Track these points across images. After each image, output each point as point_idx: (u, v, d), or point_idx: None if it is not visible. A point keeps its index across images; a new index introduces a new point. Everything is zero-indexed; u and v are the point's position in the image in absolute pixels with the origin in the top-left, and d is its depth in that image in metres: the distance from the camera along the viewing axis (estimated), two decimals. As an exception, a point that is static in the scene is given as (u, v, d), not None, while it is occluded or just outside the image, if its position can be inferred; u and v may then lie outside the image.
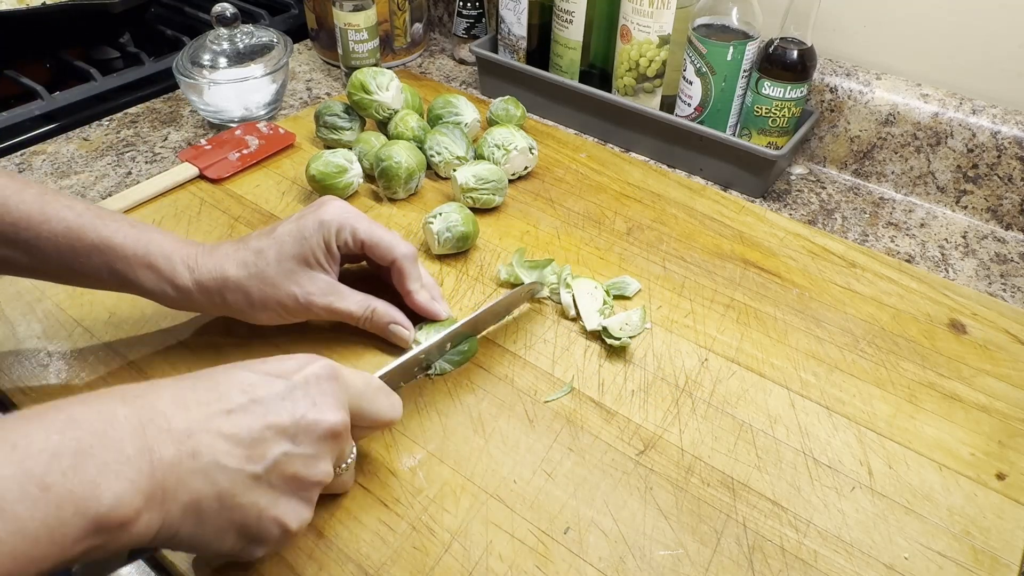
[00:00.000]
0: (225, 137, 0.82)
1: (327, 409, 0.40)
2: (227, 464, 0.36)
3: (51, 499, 0.29)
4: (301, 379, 0.40)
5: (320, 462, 0.40)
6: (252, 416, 0.37)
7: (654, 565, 0.46)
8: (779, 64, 0.76)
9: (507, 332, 0.61)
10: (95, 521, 0.30)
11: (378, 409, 0.44)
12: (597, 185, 0.79)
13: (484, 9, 1.02)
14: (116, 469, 0.32)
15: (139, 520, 0.32)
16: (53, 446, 0.31)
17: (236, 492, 0.36)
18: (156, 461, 0.33)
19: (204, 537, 0.36)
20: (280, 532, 0.39)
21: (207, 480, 0.35)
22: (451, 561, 0.45)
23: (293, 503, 0.39)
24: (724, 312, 0.64)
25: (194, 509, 0.35)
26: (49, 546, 0.29)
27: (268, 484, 0.37)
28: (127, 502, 0.31)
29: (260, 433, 0.37)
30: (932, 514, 0.49)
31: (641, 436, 0.53)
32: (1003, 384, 0.59)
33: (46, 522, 0.29)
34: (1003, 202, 0.78)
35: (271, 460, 0.37)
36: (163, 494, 0.33)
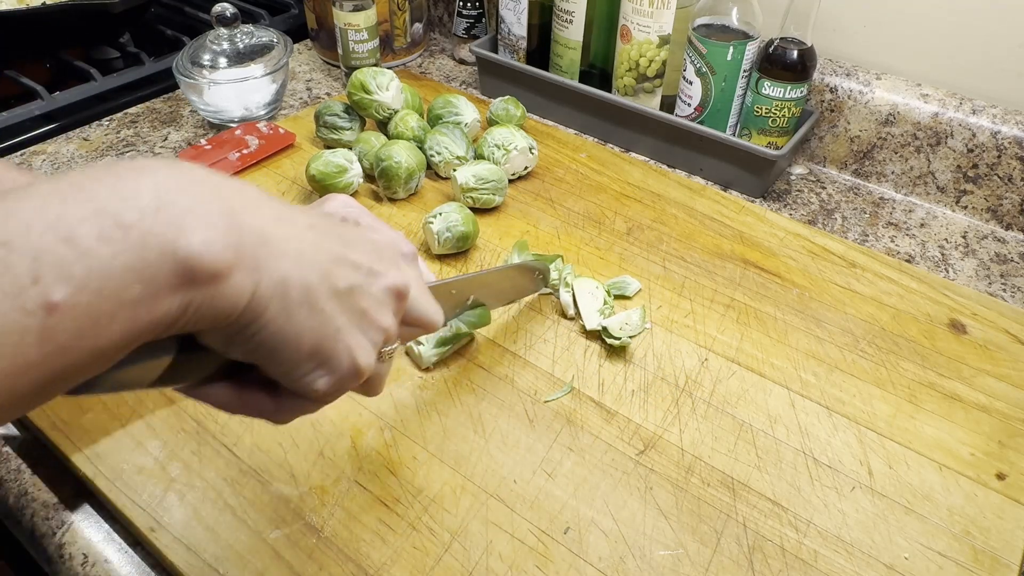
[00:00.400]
0: (225, 137, 0.82)
1: (395, 267, 0.39)
2: (315, 263, 0.34)
3: (132, 237, 0.26)
4: (372, 239, 0.39)
5: (386, 311, 0.38)
6: (334, 239, 0.36)
7: (654, 565, 0.46)
8: (779, 64, 0.76)
9: (507, 332, 0.61)
10: (184, 264, 0.27)
11: (426, 305, 0.43)
12: (597, 185, 0.79)
13: (484, 9, 1.02)
14: (203, 217, 0.28)
15: (232, 277, 0.29)
16: (128, 189, 0.27)
17: (320, 294, 0.34)
18: (243, 226, 0.30)
19: (286, 330, 0.33)
20: (349, 363, 0.36)
21: (297, 268, 0.33)
22: (451, 561, 0.45)
23: (363, 339, 0.37)
24: (724, 312, 0.64)
25: (283, 292, 0.32)
26: (140, 288, 0.26)
27: (347, 305, 0.36)
28: (217, 251, 0.28)
29: (340, 256, 0.36)
30: (932, 514, 0.49)
31: (641, 436, 0.53)
32: (1003, 384, 0.59)
33: (131, 264, 0.26)
34: (1003, 202, 0.78)
35: (349, 284, 0.36)
36: (254, 259, 0.30)
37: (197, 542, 0.46)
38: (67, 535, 0.49)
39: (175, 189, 0.28)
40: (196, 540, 0.46)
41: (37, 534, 0.50)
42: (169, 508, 0.48)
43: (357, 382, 0.38)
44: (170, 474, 0.50)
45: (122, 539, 0.48)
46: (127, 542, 0.48)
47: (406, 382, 0.57)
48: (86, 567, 0.47)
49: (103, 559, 0.47)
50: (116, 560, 0.47)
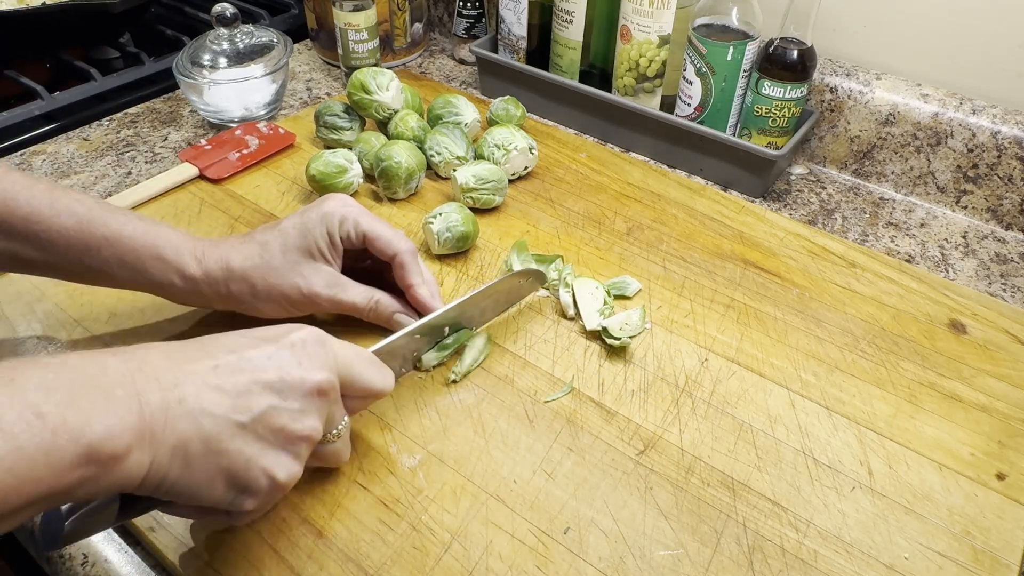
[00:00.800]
0: (225, 137, 0.82)
1: (314, 368, 0.40)
2: (213, 411, 0.37)
3: (47, 425, 0.31)
4: (288, 342, 0.41)
5: (307, 417, 0.40)
6: (239, 372, 0.38)
7: (654, 565, 0.46)
8: (779, 64, 0.76)
9: (507, 332, 0.61)
10: (88, 449, 0.32)
11: (368, 378, 0.45)
12: (597, 185, 0.79)
13: (484, 9, 1.02)
14: (106, 407, 0.33)
15: (129, 456, 0.33)
16: (48, 382, 0.32)
17: (223, 438, 0.37)
18: (144, 404, 0.34)
19: (193, 482, 0.37)
20: (269, 483, 0.39)
21: (193, 424, 0.36)
22: (451, 561, 0.45)
23: (281, 456, 0.39)
24: (724, 312, 0.64)
25: (182, 452, 0.36)
26: (46, 468, 0.31)
27: (255, 434, 0.38)
28: (117, 435, 0.33)
29: (246, 386, 0.38)
30: (932, 514, 0.49)
31: (641, 436, 0.53)
32: (1003, 384, 0.59)
33: (42, 445, 0.31)
34: (1003, 202, 0.78)
35: (257, 411, 0.38)
36: (151, 435, 0.34)
37: (197, 542, 0.46)
38: (67, 535, 0.49)
39: (89, 381, 0.34)
40: (196, 540, 0.46)
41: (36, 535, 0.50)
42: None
43: (287, 489, 0.41)
44: (170, 474, 0.50)
45: (122, 539, 0.48)
46: (127, 542, 0.48)
47: (406, 382, 0.57)
48: (86, 567, 0.47)
49: (103, 559, 0.47)
50: (116, 560, 0.47)
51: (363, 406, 0.47)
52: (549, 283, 0.64)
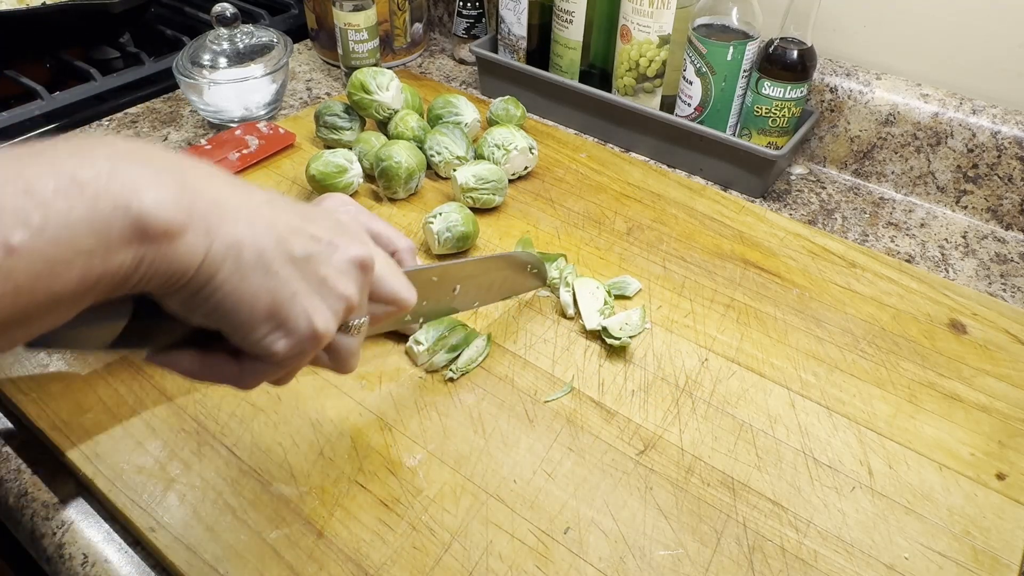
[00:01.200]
0: (225, 137, 0.82)
1: (358, 242, 0.40)
2: (270, 228, 0.35)
3: (87, 192, 0.28)
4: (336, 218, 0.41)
5: (347, 279, 0.39)
6: (292, 214, 0.37)
7: (654, 565, 0.46)
8: (779, 64, 0.76)
9: (507, 332, 0.61)
10: (137, 220, 0.29)
11: (395, 283, 0.44)
12: (597, 185, 0.79)
13: (484, 9, 1.02)
14: (156, 180, 0.30)
15: (185, 237, 0.31)
16: (85, 151, 0.30)
17: (275, 257, 0.35)
18: (198, 192, 0.32)
19: (240, 292, 0.34)
20: (307, 327, 0.37)
21: (250, 231, 0.34)
22: (451, 561, 0.45)
23: (322, 304, 0.38)
24: (724, 312, 0.64)
25: (236, 253, 0.33)
26: (92, 237, 0.28)
27: (299, 272, 0.37)
28: (169, 210, 0.30)
29: (299, 228, 0.37)
30: (932, 514, 0.49)
31: (641, 436, 0.53)
32: (1003, 384, 0.59)
33: (86, 216, 0.28)
34: (1003, 202, 0.78)
35: (308, 251, 0.37)
36: (207, 223, 0.32)
37: (197, 542, 0.46)
38: (67, 535, 0.49)
39: (129, 157, 0.30)
40: (196, 540, 0.46)
41: (37, 534, 0.50)
42: (169, 508, 0.48)
43: (317, 346, 0.38)
44: (170, 474, 0.50)
45: (122, 539, 0.48)
46: (127, 542, 0.48)
47: (406, 382, 0.57)
48: (86, 567, 0.47)
49: (103, 559, 0.47)
50: (116, 560, 0.47)
51: (383, 316, 0.46)
52: (550, 281, 0.65)
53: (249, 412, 0.54)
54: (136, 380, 0.56)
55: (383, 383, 0.56)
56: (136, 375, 0.56)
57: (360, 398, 0.55)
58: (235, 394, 0.55)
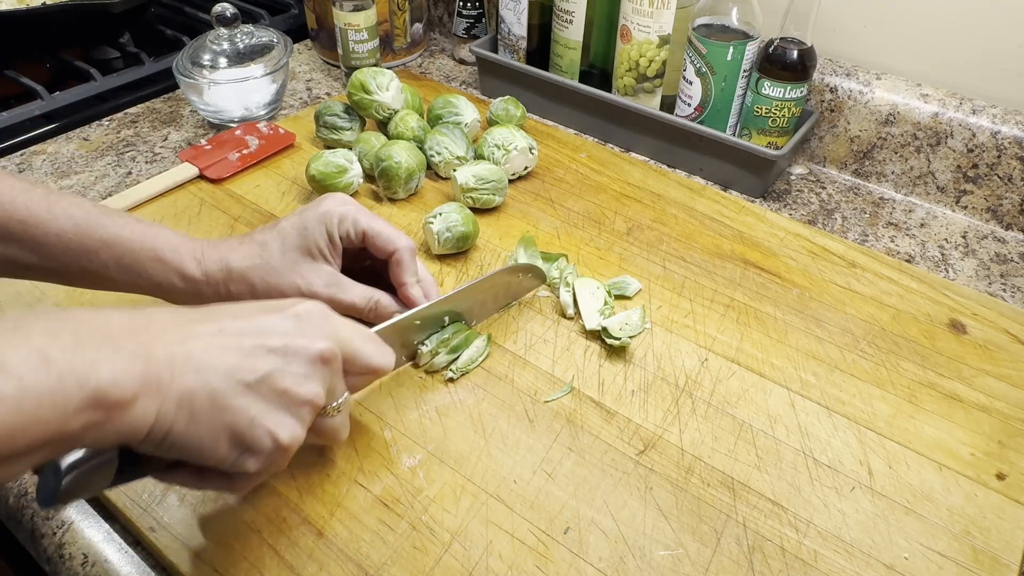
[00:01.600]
0: (225, 137, 0.82)
1: (317, 337, 0.41)
2: (220, 367, 0.37)
3: (52, 369, 0.31)
4: (293, 312, 0.42)
5: (311, 382, 0.41)
6: (244, 335, 0.39)
7: (654, 565, 0.46)
8: (779, 64, 0.76)
9: (507, 332, 0.61)
10: (94, 393, 0.32)
11: (369, 354, 0.45)
12: (597, 185, 0.79)
13: (484, 9, 1.02)
14: (113, 354, 0.34)
15: (136, 404, 0.34)
16: (54, 330, 0.33)
17: (228, 394, 0.37)
18: (151, 356, 0.35)
19: (198, 436, 0.37)
20: (272, 443, 0.39)
21: (200, 379, 0.37)
22: (451, 561, 0.45)
23: (285, 417, 0.40)
24: (724, 312, 0.64)
25: (188, 405, 0.36)
26: (52, 410, 0.31)
27: (259, 394, 0.39)
28: (124, 382, 0.33)
29: (251, 349, 0.39)
30: (932, 514, 0.49)
31: (641, 436, 0.53)
32: (1003, 384, 0.59)
33: (48, 387, 0.31)
34: (1003, 202, 0.78)
35: (262, 372, 0.39)
36: (158, 386, 0.35)
37: (197, 542, 0.46)
38: (67, 535, 0.49)
39: (94, 330, 0.34)
40: (196, 540, 0.46)
41: (37, 534, 0.50)
42: (169, 508, 0.48)
43: (289, 453, 0.41)
44: (170, 474, 0.50)
45: (122, 539, 0.48)
46: (127, 542, 0.48)
47: (406, 382, 0.57)
48: (86, 567, 0.47)
49: (103, 559, 0.47)
50: (116, 560, 0.47)
51: (363, 384, 0.48)
52: (550, 281, 0.65)
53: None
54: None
55: (383, 383, 0.56)
56: (136, 375, 0.56)
57: (360, 398, 0.55)
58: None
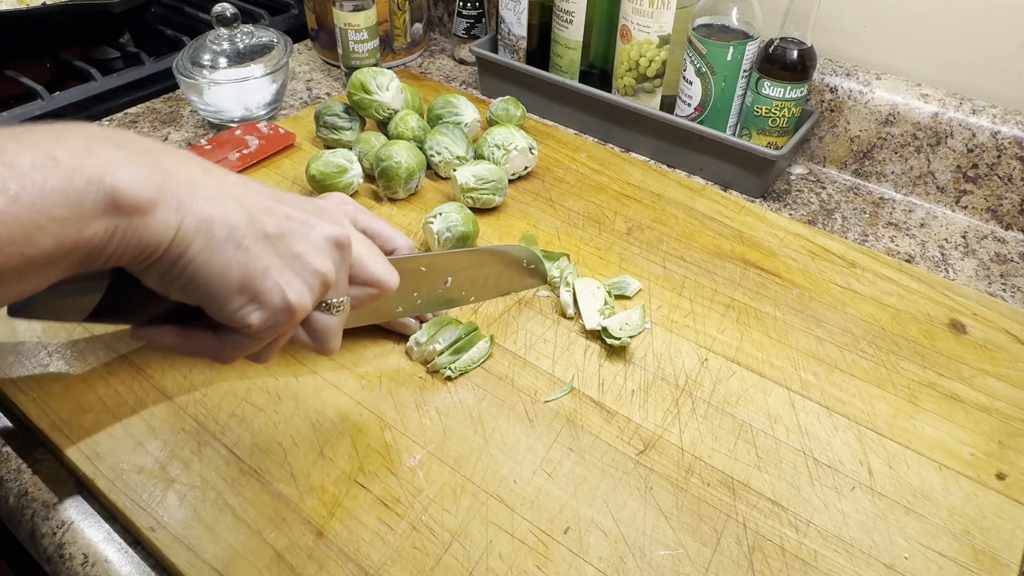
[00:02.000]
0: (225, 137, 0.82)
1: (335, 223, 0.41)
2: (241, 209, 0.36)
3: (62, 168, 0.30)
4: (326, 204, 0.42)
5: (323, 256, 0.40)
6: (267, 197, 0.39)
7: (654, 565, 0.46)
8: (779, 64, 0.76)
9: (507, 332, 0.61)
10: (110, 194, 0.31)
11: (376, 266, 0.45)
12: (597, 185, 0.79)
13: (484, 9, 1.02)
14: (129, 161, 0.32)
15: (156, 212, 0.33)
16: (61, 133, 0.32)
17: (247, 234, 0.37)
18: (169, 173, 0.34)
19: (211, 266, 0.36)
20: (280, 300, 0.38)
21: (221, 209, 0.36)
22: (451, 561, 0.45)
23: (296, 277, 0.39)
24: (724, 312, 0.64)
25: (207, 229, 0.35)
26: (66, 208, 0.30)
27: (276, 249, 0.38)
28: (141, 186, 0.32)
29: (273, 207, 0.38)
30: (932, 514, 0.49)
31: (641, 436, 0.53)
32: (1003, 384, 0.59)
33: (60, 184, 0.30)
34: (1003, 202, 0.78)
35: (281, 229, 0.38)
36: (178, 201, 0.34)
37: (197, 542, 0.46)
38: (67, 535, 0.49)
39: (104, 139, 0.33)
40: (196, 540, 0.46)
41: (37, 534, 0.50)
42: (169, 508, 0.48)
43: (292, 319, 0.40)
44: (170, 474, 0.50)
45: (122, 539, 0.48)
46: (127, 542, 0.48)
47: (406, 382, 0.57)
48: (86, 567, 0.47)
49: (103, 559, 0.47)
50: (116, 560, 0.47)
51: (364, 299, 0.46)
52: (551, 280, 0.65)
53: (249, 412, 0.54)
54: (136, 380, 0.56)
55: (383, 383, 0.56)
56: (136, 375, 0.56)
57: (360, 398, 0.55)
58: (235, 394, 0.55)
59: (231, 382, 0.56)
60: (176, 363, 0.57)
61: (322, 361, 0.58)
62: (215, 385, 0.56)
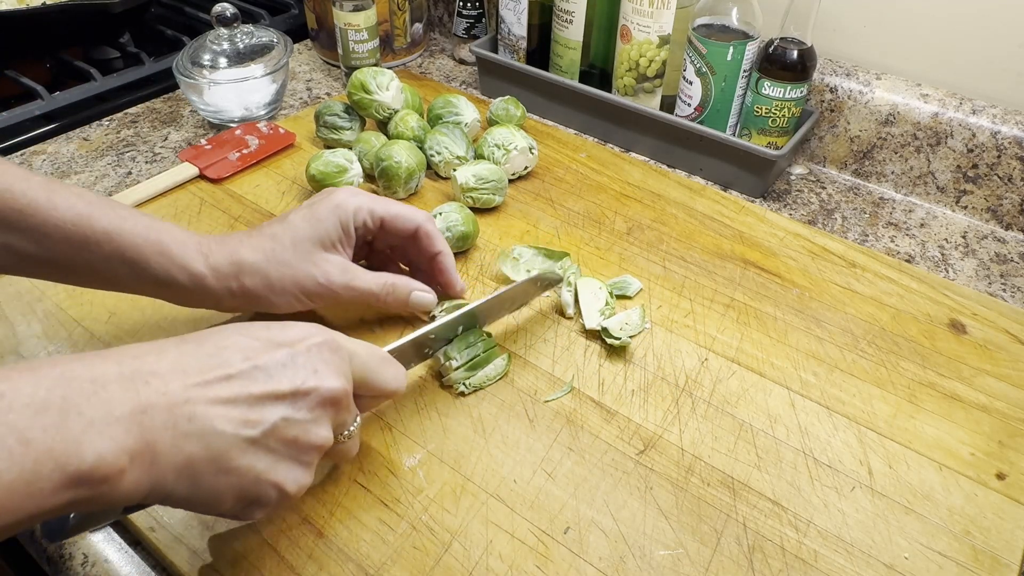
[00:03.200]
0: (225, 137, 0.82)
1: (328, 376, 0.40)
2: (223, 429, 0.36)
3: (29, 453, 0.30)
4: (304, 348, 0.40)
5: (319, 427, 0.40)
6: (252, 381, 0.37)
7: (654, 565, 0.46)
8: (779, 64, 0.76)
9: (507, 332, 0.61)
10: (75, 476, 0.31)
11: (382, 378, 0.45)
12: (597, 185, 0.79)
13: (484, 9, 1.02)
14: (102, 428, 0.32)
15: (124, 478, 0.32)
16: (40, 401, 0.31)
17: (232, 456, 0.36)
18: (147, 423, 0.33)
19: (200, 498, 0.36)
20: (278, 495, 0.39)
21: (202, 443, 0.35)
22: (451, 561, 0.45)
23: (291, 467, 0.39)
24: (724, 312, 0.64)
25: (188, 472, 0.35)
26: (25, 498, 0.30)
27: (266, 448, 0.37)
28: (110, 461, 0.32)
29: (259, 398, 0.37)
30: (932, 514, 0.49)
31: (641, 436, 0.53)
32: (1003, 384, 0.59)
33: (22, 475, 0.29)
34: (1003, 202, 0.78)
35: (269, 424, 0.37)
36: (153, 456, 0.33)
37: (197, 542, 0.46)
38: (67, 535, 0.49)
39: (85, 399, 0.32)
40: (196, 540, 0.46)
41: (37, 534, 0.50)
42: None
43: (294, 500, 0.40)
44: (170, 474, 0.50)
45: (122, 539, 0.48)
46: (127, 542, 0.48)
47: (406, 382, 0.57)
48: (86, 567, 0.47)
49: (103, 559, 0.47)
50: (116, 560, 0.47)
51: (375, 404, 0.47)
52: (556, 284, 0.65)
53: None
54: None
55: (383, 383, 0.56)
56: (136, 375, 0.56)
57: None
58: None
59: (231, 382, 0.56)
60: (176, 363, 0.57)
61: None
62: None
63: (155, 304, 0.62)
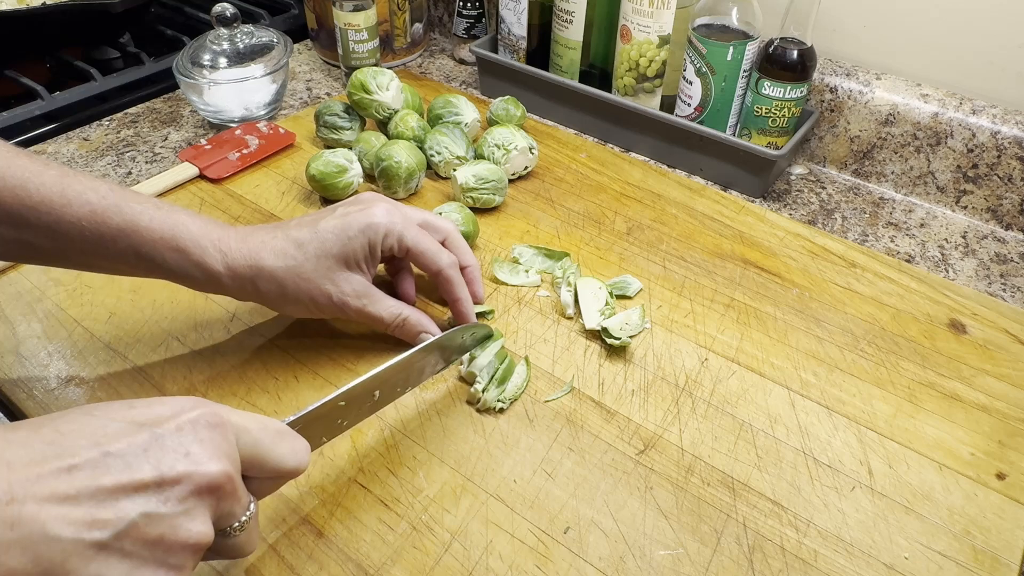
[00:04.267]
0: (225, 137, 0.82)
1: (204, 459, 0.33)
2: (58, 533, 0.29)
3: None
4: (173, 427, 0.34)
5: (193, 521, 0.33)
6: (101, 472, 0.31)
7: (654, 565, 0.46)
8: (779, 64, 0.76)
9: (507, 332, 0.61)
10: None
11: (278, 456, 0.38)
12: (597, 185, 0.79)
13: (484, 9, 1.02)
14: None
15: None
16: None
17: (71, 567, 0.30)
18: None
19: None
20: None
21: (27, 554, 0.29)
22: (451, 561, 0.45)
23: (158, 572, 0.32)
24: (724, 312, 0.64)
25: None
26: None
27: (120, 552, 0.31)
28: None
29: (110, 491, 0.31)
30: (932, 514, 0.49)
31: (641, 436, 0.53)
32: (1003, 384, 0.59)
33: None
34: (1003, 202, 0.78)
35: (124, 523, 0.31)
36: None
37: (197, 542, 0.46)
38: (67, 535, 0.49)
39: None
40: (196, 540, 0.46)
41: None
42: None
43: None
44: (170, 474, 0.50)
45: (122, 539, 0.48)
46: (127, 542, 0.48)
47: (406, 382, 0.57)
48: (86, 567, 0.47)
49: (103, 559, 0.47)
50: (116, 560, 0.47)
51: (275, 487, 0.40)
52: (553, 280, 0.65)
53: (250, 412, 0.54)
54: (136, 380, 0.56)
55: (383, 383, 0.56)
56: (136, 375, 0.56)
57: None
58: (235, 394, 0.55)
59: (231, 383, 0.56)
60: (177, 364, 0.57)
61: (322, 361, 0.58)
62: (215, 386, 0.56)
63: (155, 304, 0.62)
